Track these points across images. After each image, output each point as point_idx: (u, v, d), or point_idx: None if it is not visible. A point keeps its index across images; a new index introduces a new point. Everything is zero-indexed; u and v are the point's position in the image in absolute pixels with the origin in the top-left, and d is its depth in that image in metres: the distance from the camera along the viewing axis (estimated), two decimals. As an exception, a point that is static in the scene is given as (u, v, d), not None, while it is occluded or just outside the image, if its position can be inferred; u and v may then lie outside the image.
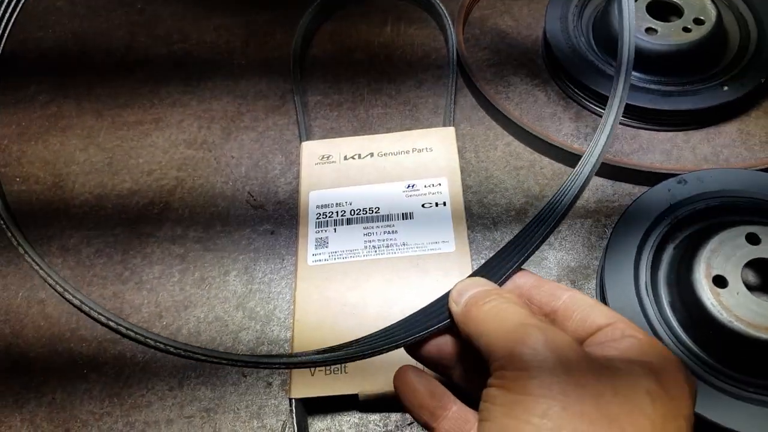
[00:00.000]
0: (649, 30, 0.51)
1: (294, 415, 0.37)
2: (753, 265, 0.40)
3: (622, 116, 0.50)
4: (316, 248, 0.43)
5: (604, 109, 0.50)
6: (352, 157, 0.47)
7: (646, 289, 0.41)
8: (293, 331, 0.40)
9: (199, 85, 0.56)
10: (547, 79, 0.54)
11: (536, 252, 0.44)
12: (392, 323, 0.32)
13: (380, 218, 0.44)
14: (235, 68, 0.57)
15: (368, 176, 0.46)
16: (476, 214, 0.47)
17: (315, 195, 0.46)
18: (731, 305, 0.38)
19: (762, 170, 0.46)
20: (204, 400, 0.40)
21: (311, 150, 0.48)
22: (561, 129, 0.51)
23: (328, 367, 0.38)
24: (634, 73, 0.51)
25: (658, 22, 0.52)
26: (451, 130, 0.48)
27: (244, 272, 0.45)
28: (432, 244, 0.43)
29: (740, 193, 0.44)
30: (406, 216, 0.44)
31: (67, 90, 0.57)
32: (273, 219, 0.48)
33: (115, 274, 0.46)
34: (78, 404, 0.41)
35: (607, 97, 0.49)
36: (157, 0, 0.63)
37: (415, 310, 0.33)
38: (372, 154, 0.47)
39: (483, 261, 0.38)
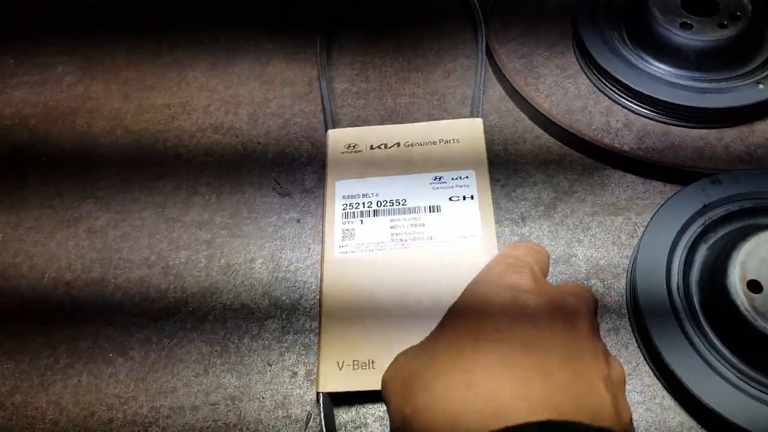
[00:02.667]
0: (684, 25, 0.50)
1: (322, 408, 0.37)
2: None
3: (656, 111, 0.49)
4: (342, 239, 0.43)
5: (636, 104, 0.50)
6: (379, 147, 0.47)
7: (678, 291, 0.40)
8: (320, 323, 0.40)
9: (226, 70, 0.56)
10: (577, 72, 0.53)
11: (565, 248, 0.44)
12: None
13: (407, 210, 0.44)
14: (262, 53, 0.57)
15: (395, 167, 0.46)
16: (504, 208, 0.47)
17: (341, 185, 0.45)
18: (766, 311, 0.37)
19: (797, 172, 0.45)
20: (229, 387, 0.41)
21: (337, 138, 0.48)
22: (591, 123, 0.50)
23: (356, 362, 0.38)
24: (666, 69, 0.51)
25: (693, 17, 0.51)
26: (479, 121, 0.48)
27: (270, 260, 0.45)
28: (459, 238, 0.42)
29: (776, 195, 0.43)
30: (433, 209, 0.44)
31: (94, 71, 0.57)
32: (299, 207, 0.47)
33: (141, 258, 0.46)
34: (104, 387, 0.41)
35: (642, 93, 0.49)
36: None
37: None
38: (398, 145, 0.47)
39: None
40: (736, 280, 0.38)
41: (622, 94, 0.50)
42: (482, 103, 0.51)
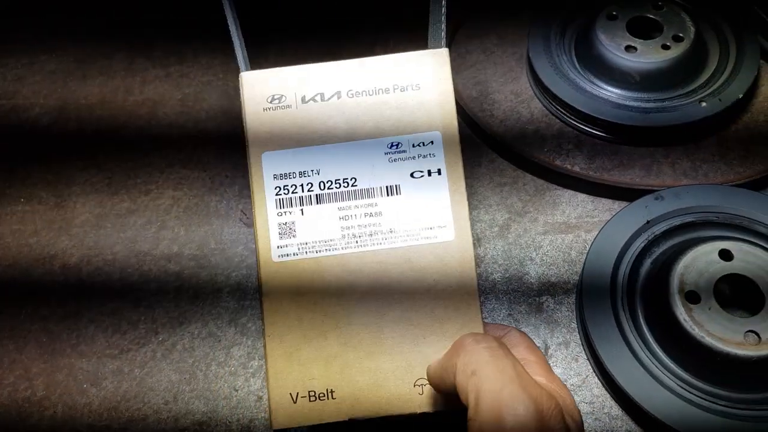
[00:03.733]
0: (628, 48, 0.53)
1: None
2: (728, 279, 0.41)
3: (604, 131, 0.52)
4: (280, 238, 0.34)
5: (585, 126, 0.52)
6: (313, 99, 0.35)
7: (623, 304, 0.42)
8: (265, 349, 0.34)
9: (195, 106, 0.58)
10: (531, 96, 0.56)
11: (518, 267, 0.46)
12: None
13: (358, 194, 0.35)
14: (231, 88, 0.59)
15: (337, 129, 0.35)
16: (461, 230, 0.49)
17: (270, 159, 0.35)
18: (703, 320, 0.39)
19: (738, 185, 0.48)
20: (197, 413, 0.42)
21: (255, 84, 0.36)
22: (543, 146, 0.52)
23: (312, 392, 0.33)
24: (614, 91, 0.53)
25: (637, 39, 0.53)
26: (443, 53, 0.36)
27: (237, 289, 0.47)
28: (426, 230, 0.34)
29: (716, 209, 0.46)
30: (391, 190, 0.35)
31: (69, 112, 0.59)
32: (265, 237, 0.49)
33: (113, 292, 0.48)
34: (78, 418, 0.43)
35: (590, 115, 0.51)
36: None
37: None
38: (339, 94, 0.35)
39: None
40: (675, 291, 0.40)
41: (572, 117, 0.53)
42: (444, 30, 0.37)
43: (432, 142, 0.35)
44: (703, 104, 0.51)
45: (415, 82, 0.36)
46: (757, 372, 0.38)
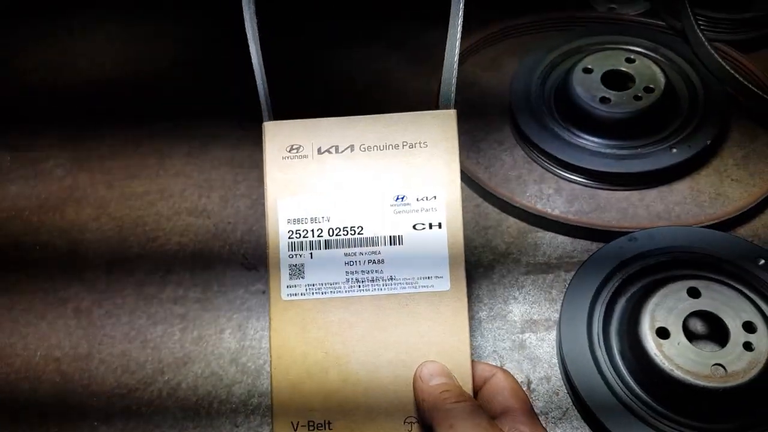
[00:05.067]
0: (603, 99, 0.57)
1: None
2: (698, 315, 0.44)
3: (582, 177, 0.55)
4: (290, 278, 0.37)
5: (564, 172, 0.56)
6: (328, 151, 0.38)
7: (598, 340, 0.45)
8: (271, 379, 0.36)
9: (200, 156, 0.62)
10: (513, 144, 0.59)
11: (502, 305, 0.49)
12: None
13: (364, 242, 0.37)
14: (233, 138, 0.63)
15: (348, 180, 0.38)
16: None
17: (286, 204, 0.38)
18: (672, 355, 0.42)
19: (708, 226, 0.51)
20: (200, 448, 0.45)
21: (277, 135, 0.39)
22: (526, 190, 0.56)
23: (311, 422, 0.36)
24: (590, 138, 0.57)
25: (611, 91, 0.57)
26: (451, 114, 0.39)
27: (238, 330, 0.50)
28: (424, 279, 0.37)
29: (686, 249, 0.49)
30: (394, 240, 0.37)
31: (82, 163, 0.63)
32: (264, 279, 0.53)
33: (122, 334, 0.51)
34: (88, 455, 0.46)
35: (569, 163, 0.55)
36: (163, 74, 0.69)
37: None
38: (352, 148, 0.38)
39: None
40: (646, 328, 0.43)
41: (552, 164, 0.56)
42: (455, 87, 0.39)
43: (435, 197, 0.38)
44: (674, 150, 0.55)
45: (424, 140, 0.38)
46: (724, 403, 0.41)
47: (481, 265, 0.52)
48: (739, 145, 0.58)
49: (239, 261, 0.54)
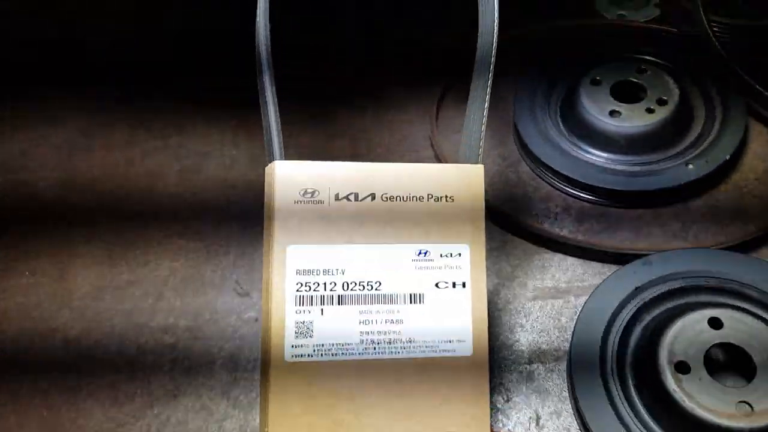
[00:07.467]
0: (613, 113, 0.54)
1: None
2: (719, 347, 0.41)
3: (592, 195, 0.52)
4: (296, 337, 0.33)
5: (573, 190, 0.53)
6: (347, 198, 0.35)
7: (612, 373, 0.42)
8: None
9: (193, 177, 0.60)
10: (518, 160, 0.57)
11: (509, 334, 0.46)
12: None
13: (381, 299, 0.34)
14: (226, 158, 0.61)
15: (367, 230, 0.35)
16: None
17: (296, 252, 0.34)
18: (693, 391, 0.39)
19: (729, 248, 0.48)
20: (189, 490, 0.42)
21: (289, 177, 0.35)
22: (532, 209, 0.53)
23: None
24: (600, 154, 0.54)
25: (621, 104, 0.54)
26: (479, 169, 0.37)
27: (230, 360, 0.48)
28: (445, 342, 0.34)
29: (705, 274, 0.46)
30: (414, 299, 0.35)
31: (73, 185, 0.61)
32: (257, 306, 0.50)
33: (111, 364, 0.49)
34: (73, 495, 0.43)
35: (577, 180, 0.52)
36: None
37: None
38: (374, 196, 0.35)
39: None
40: (664, 362, 0.40)
41: (559, 181, 0.54)
42: (483, 141, 0.38)
43: (460, 254, 0.35)
44: (690, 166, 0.52)
45: (450, 194, 0.36)
46: (750, 444, 0.38)
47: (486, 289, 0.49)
48: (761, 158, 0.55)
49: (231, 286, 0.52)
